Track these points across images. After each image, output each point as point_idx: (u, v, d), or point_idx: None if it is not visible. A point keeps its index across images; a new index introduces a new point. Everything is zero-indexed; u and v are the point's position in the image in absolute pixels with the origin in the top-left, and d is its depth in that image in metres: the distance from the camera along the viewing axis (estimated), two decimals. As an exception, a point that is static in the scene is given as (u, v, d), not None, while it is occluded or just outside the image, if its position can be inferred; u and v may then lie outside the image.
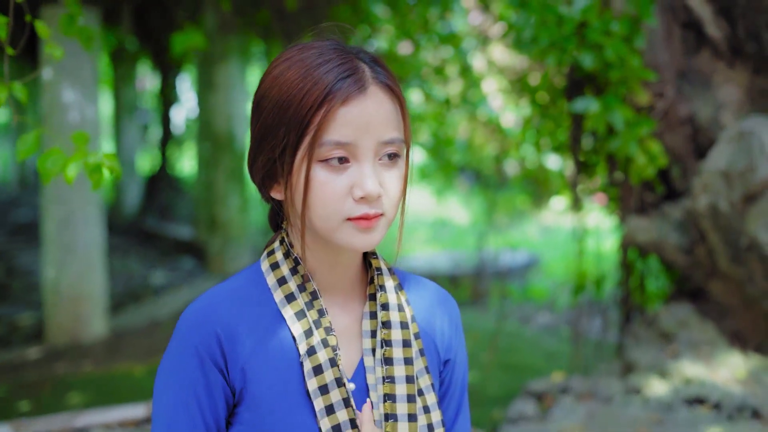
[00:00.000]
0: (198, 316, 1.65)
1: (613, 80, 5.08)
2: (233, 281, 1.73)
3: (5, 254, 11.50)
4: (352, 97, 1.58)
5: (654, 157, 5.12)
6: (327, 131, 1.56)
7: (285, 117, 1.60)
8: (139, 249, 12.98)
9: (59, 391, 6.61)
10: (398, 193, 1.65)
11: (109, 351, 7.78)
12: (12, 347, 7.93)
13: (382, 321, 1.71)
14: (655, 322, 5.36)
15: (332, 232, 1.61)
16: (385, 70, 1.66)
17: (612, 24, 4.95)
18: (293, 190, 1.62)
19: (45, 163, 2.98)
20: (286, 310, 1.66)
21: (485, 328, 8.38)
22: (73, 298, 7.99)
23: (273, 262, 1.72)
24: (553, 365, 6.96)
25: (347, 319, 1.73)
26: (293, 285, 1.68)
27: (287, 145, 1.60)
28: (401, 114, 1.66)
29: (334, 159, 1.57)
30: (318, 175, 1.58)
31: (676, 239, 5.20)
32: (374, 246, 1.63)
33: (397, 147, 1.63)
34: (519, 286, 11.14)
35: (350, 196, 1.58)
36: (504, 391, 6.37)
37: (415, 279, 1.89)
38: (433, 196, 13.65)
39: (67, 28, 3.75)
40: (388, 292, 1.74)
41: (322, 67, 1.60)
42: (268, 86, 1.66)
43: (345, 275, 1.73)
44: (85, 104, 7.84)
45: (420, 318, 1.81)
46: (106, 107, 20.77)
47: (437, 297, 1.88)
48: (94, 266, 8.15)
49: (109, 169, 3.05)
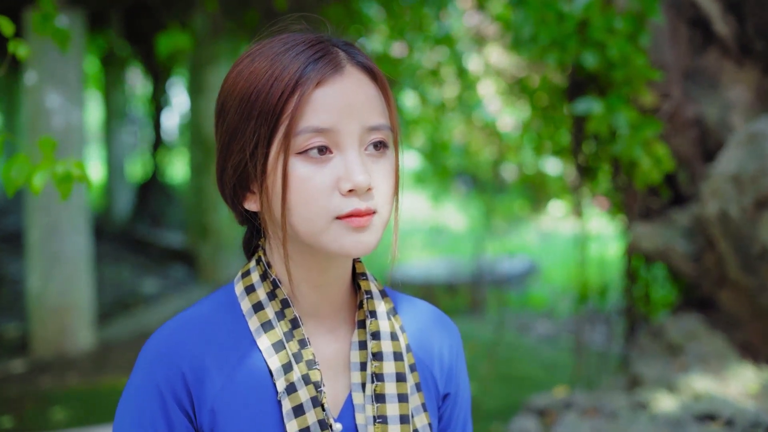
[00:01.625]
0: (160, 349, 1.45)
1: (617, 80, 4.90)
2: (201, 306, 1.52)
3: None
4: (327, 77, 1.39)
5: (660, 161, 4.93)
6: (303, 117, 1.37)
7: (254, 110, 1.39)
8: (129, 257, 12.82)
9: (43, 406, 6.44)
10: (390, 189, 1.45)
11: (96, 364, 7.60)
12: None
13: (372, 352, 1.50)
14: (661, 334, 5.18)
15: (319, 236, 1.39)
16: (361, 52, 1.47)
17: (615, 21, 4.76)
18: (270, 192, 1.41)
19: (9, 172, 2.76)
20: (262, 341, 1.45)
21: (483, 337, 8.22)
22: (59, 309, 7.79)
23: (248, 285, 1.51)
24: (554, 377, 6.77)
25: (334, 349, 1.53)
26: (271, 311, 1.47)
27: (259, 140, 1.39)
28: (385, 99, 1.46)
29: (314, 149, 1.37)
30: (297, 170, 1.37)
31: (684, 247, 5.04)
32: (370, 250, 1.41)
33: (385, 135, 1.43)
34: (518, 293, 10.98)
35: (336, 190, 1.37)
36: (504, 404, 6.18)
37: (410, 301, 1.68)
38: (428, 202, 13.52)
39: (41, 27, 3.56)
40: (380, 319, 1.53)
41: (290, 51, 1.41)
42: (231, 84, 1.46)
43: (332, 297, 1.52)
44: (69, 109, 7.63)
45: (416, 347, 1.60)
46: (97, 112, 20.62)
47: (435, 322, 1.67)
48: (80, 276, 7.95)
49: (78, 178, 2.82)
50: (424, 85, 9.43)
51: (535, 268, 12.32)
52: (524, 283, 11.64)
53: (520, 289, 11.22)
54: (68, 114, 7.63)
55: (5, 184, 2.72)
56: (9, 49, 3.02)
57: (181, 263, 12.23)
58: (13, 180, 2.75)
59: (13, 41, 3.01)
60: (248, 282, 1.51)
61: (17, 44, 3.01)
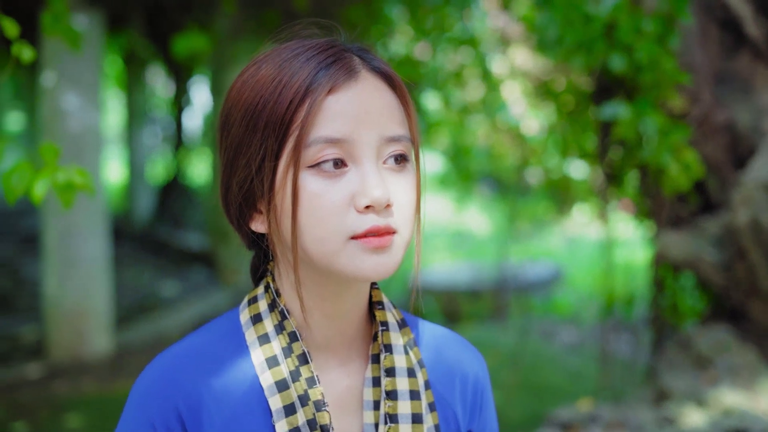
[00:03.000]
0: (155, 383, 1.33)
1: (645, 84, 4.79)
2: (203, 335, 1.39)
3: (12, 265, 11.34)
4: (340, 83, 1.27)
5: (689, 168, 4.82)
6: (314, 127, 1.24)
7: (260, 120, 1.27)
8: (149, 259, 12.80)
9: (58, 412, 6.36)
10: (411, 206, 1.32)
11: (112, 369, 7.53)
12: (12, 363, 7.67)
13: (386, 390, 1.37)
14: (690, 345, 5.07)
15: (333, 258, 1.26)
16: (379, 58, 1.35)
17: (644, 23, 4.64)
18: (278, 211, 1.28)
19: (10, 179, 2.66)
20: (266, 377, 1.32)
21: (507, 345, 8.10)
22: (75, 313, 7.72)
23: (255, 314, 1.38)
24: (579, 387, 6.64)
25: (346, 385, 1.40)
26: (277, 345, 1.34)
27: (266, 153, 1.27)
28: (405, 108, 1.34)
29: (328, 162, 1.25)
30: (309, 185, 1.25)
31: (713, 256, 4.94)
32: (389, 273, 1.28)
33: (404, 147, 1.31)
34: (542, 299, 10.86)
35: (352, 207, 1.25)
36: (527, 414, 6.06)
37: (433, 331, 1.54)
38: (451, 206, 13.42)
39: (51, 27, 3.48)
40: (395, 353, 1.40)
41: (299, 57, 1.29)
42: (235, 94, 1.34)
43: (346, 327, 1.39)
44: (87, 111, 7.55)
45: (437, 382, 1.46)
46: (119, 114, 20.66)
47: (460, 353, 1.53)
48: (97, 279, 7.88)
49: (81, 186, 2.72)
50: (447, 88, 9.32)
51: (560, 273, 12.20)
52: (549, 288, 11.51)
53: (544, 295, 11.10)
54: (85, 116, 7.55)
55: (6, 192, 2.62)
56: (13, 52, 2.92)
57: (202, 266, 12.18)
58: (14, 188, 2.64)
59: (17, 44, 2.91)
60: (255, 310, 1.38)
61: (22, 47, 2.91)
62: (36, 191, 2.63)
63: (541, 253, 13.30)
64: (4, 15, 2.83)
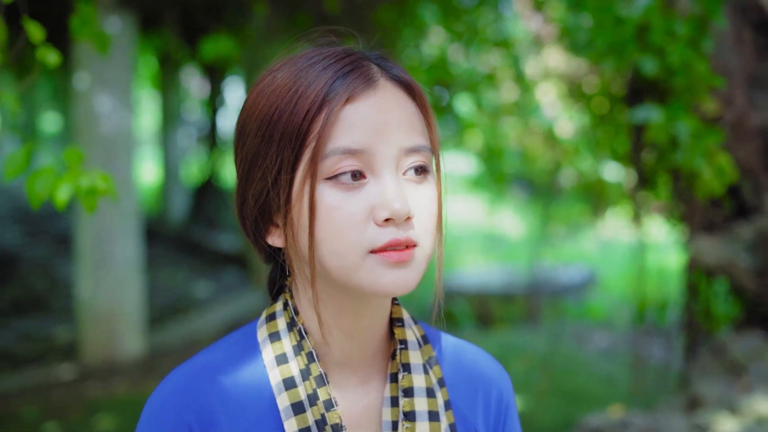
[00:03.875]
0: (168, 400, 1.29)
1: (678, 87, 4.71)
2: (219, 350, 1.36)
3: (47, 266, 11.41)
4: (358, 93, 1.23)
5: (722, 172, 4.73)
6: (331, 138, 1.21)
7: (276, 131, 1.24)
8: (183, 260, 12.86)
9: (89, 413, 6.40)
10: (432, 219, 1.27)
11: (144, 370, 7.56)
12: (46, 364, 7.72)
13: (404, 411, 1.33)
14: (723, 351, 4.99)
15: (352, 272, 1.22)
16: (398, 65, 1.32)
17: (676, 25, 4.56)
18: (295, 224, 1.25)
19: (34, 184, 2.65)
20: (283, 399, 1.28)
21: (539, 349, 8.04)
22: (108, 314, 7.75)
23: (273, 332, 1.35)
24: (611, 393, 6.57)
25: (365, 404, 1.36)
26: (295, 366, 1.30)
27: (282, 165, 1.23)
28: (425, 118, 1.30)
29: (346, 174, 1.21)
30: (326, 198, 1.21)
31: (747, 261, 4.87)
32: (410, 288, 1.24)
33: (425, 157, 1.26)
34: (575, 303, 10.76)
35: (371, 220, 1.21)
36: (558, 420, 6.01)
37: (455, 345, 1.50)
38: (484, 208, 13.37)
39: (80, 31, 3.48)
40: (414, 373, 1.36)
41: (316, 66, 1.26)
42: (251, 105, 1.30)
43: (366, 344, 1.36)
44: (119, 113, 7.58)
45: (459, 399, 1.42)
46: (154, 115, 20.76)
47: (483, 368, 1.49)
48: (130, 281, 7.91)
49: (104, 192, 2.71)
50: (480, 90, 9.27)
51: (593, 277, 12.08)
52: (582, 292, 11.41)
53: (578, 299, 11.00)
54: (118, 118, 7.58)
55: (30, 197, 2.61)
56: (38, 57, 2.92)
57: (235, 267, 12.21)
58: (38, 193, 2.64)
59: (42, 48, 2.90)
60: (273, 328, 1.35)
61: (47, 51, 2.90)
62: (59, 196, 2.62)
63: (575, 256, 13.20)
64: (30, 19, 2.83)
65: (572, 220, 12.71)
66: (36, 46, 2.89)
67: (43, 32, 2.84)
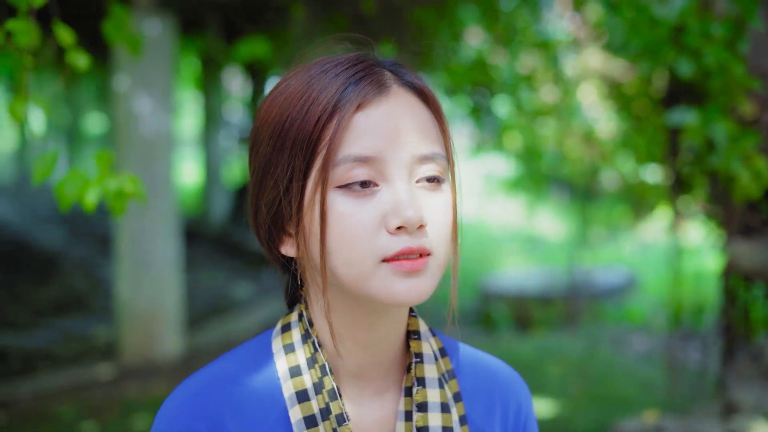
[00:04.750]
0: (179, 411, 1.29)
1: (714, 90, 4.62)
2: (232, 360, 1.35)
3: (90, 266, 11.50)
4: (370, 99, 1.22)
5: (760, 175, 4.65)
6: (342, 145, 1.20)
7: (288, 139, 1.23)
8: (224, 261, 12.89)
9: (127, 413, 6.42)
10: (447, 227, 1.25)
11: (183, 371, 7.57)
12: (85, 364, 7.77)
13: (417, 426, 1.31)
14: (761, 357, 4.92)
15: (364, 282, 1.21)
16: (413, 72, 1.30)
17: (712, 27, 4.48)
18: (307, 233, 1.23)
19: (63, 188, 2.68)
20: (295, 412, 1.27)
21: (576, 353, 7.96)
22: (147, 314, 7.79)
23: (287, 343, 1.33)
24: (649, 398, 6.48)
25: (379, 417, 1.34)
26: (308, 380, 1.29)
27: (294, 173, 1.22)
28: (439, 124, 1.28)
29: (357, 183, 1.19)
30: (338, 206, 1.20)
31: (786, 266, 4.77)
32: (424, 298, 1.22)
33: (440, 166, 1.24)
34: (615, 307, 10.63)
35: (383, 228, 1.19)
36: (594, 425, 5.94)
37: (473, 357, 1.47)
38: (523, 209, 13.27)
39: (114, 34, 3.50)
40: (429, 387, 1.34)
41: (328, 73, 1.25)
42: (264, 112, 1.29)
43: (381, 357, 1.34)
44: (159, 114, 7.61)
45: (475, 412, 1.40)
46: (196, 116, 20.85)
47: (501, 382, 1.47)
48: (169, 282, 7.93)
49: (132, 195, 2.72)
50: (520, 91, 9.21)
51: (633, 280, 11.93)
52: (622, 295, 11.26)
53: (617, 303, 10.86)
54: (158, 119, 7.61)
55: (59, 199, 2.64)
56: (67, 61, 2.94)
57: (275, 268, 12.20)
58: (67, 196, 2.66)
59: (72, 52, 2.92)
60: (288, 339, 1.33)
61: (77, 55, 2.92)
62: (87, 199, 2.63)
63: (615, 259, 13.04)
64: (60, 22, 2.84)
65: (613, 223, 12.59)
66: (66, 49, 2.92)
67: (73, 35, 2.86)
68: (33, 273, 11.07)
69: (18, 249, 12.23)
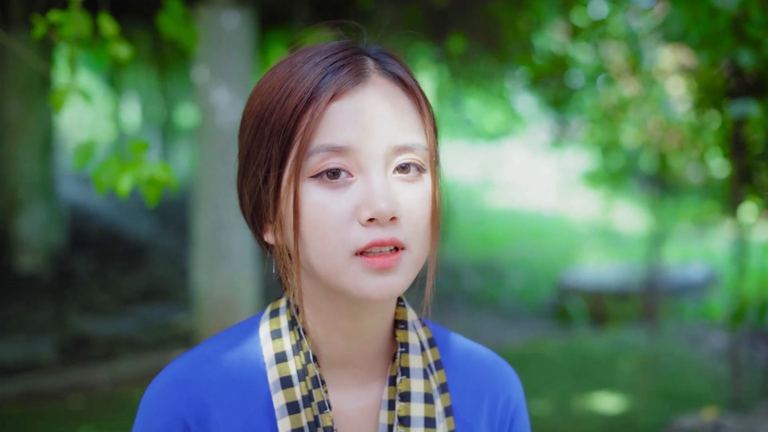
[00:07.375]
0: (163, 392, 1.30)
1: (776, 81, 4.50)
2: (218, 344, 1.35)
3: (175, 255, 11.69)
4: (345, 89, 1.20)
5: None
6: (316, 135, 1.19)
7: (267, 129, 1.23)
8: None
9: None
10: (424, 220, 1.23)
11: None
12: (164, 351, 7.91)
13: (399, 416, 1.30)
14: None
15: (336, 276, 1.20)
16: (397, 60, 1.28)
17: (774, 17, 4.35)
18: (284, 222, 1.23)
19: (100, 174, 2.76)
20: (278, 397, 1.27)
21: (650, 349, 7.84)
22: (223, 303, 7.87)
23: (275, 329, 1.33)
24: (715, 395, 6.33)
25: (363, 405, 1.34)
26: (293, 366, 1.29)
27: (271, 163, 1.22)
28: (421, 115, 1.26)
29: (331, 172, 1.18)
30: (311, 196, 1.19)
31: None
32: (395, 294, 1.21)
33: (419, 156, 1.22)
34: (695, 303, 10.36)
35: (356, 220, 1.17)
36: (655, 422, 5.82)
37: (466, 349, 1.45)
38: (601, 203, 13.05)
39: (170, 27, 3.58)
40: (412, 377, 1.32)
41: (310, 61, 1.24)
42: (250, 101, 1.31)
43: (366, 347, 1.33)
44: (237, 107, 7.68)
45: (462, 404, 1.38)
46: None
47: (492, 375, 1.44)
48: (245, 271, 8.00)
49: (164, 182, 2.79)
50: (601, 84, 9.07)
51: (715, 276, 11.58)
52: (703, 291, 10.95)
53: (697, 299, 10.59)
54: (236, 112, 7.68)
55: (96, 185, 2.73)
56: (109, 52, 3.01)
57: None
58: (104, 182, 2.74)
59: (113, 43, 2.99)
60: (275, 325, 1.33)
61: (118, 46, 2.99)
62: (121, 185, 2.71)
63: (699, 254, 12.71)
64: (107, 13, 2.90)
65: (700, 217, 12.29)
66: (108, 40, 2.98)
67: (116, 27, 2.93)
68: (122, 262, 11.29)
69: (109, 239, 12.46)
